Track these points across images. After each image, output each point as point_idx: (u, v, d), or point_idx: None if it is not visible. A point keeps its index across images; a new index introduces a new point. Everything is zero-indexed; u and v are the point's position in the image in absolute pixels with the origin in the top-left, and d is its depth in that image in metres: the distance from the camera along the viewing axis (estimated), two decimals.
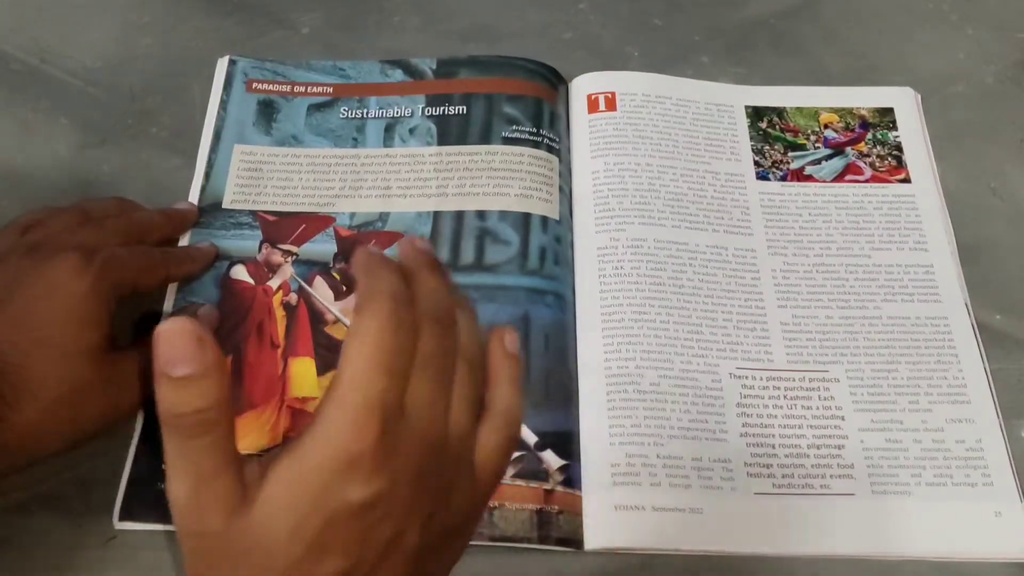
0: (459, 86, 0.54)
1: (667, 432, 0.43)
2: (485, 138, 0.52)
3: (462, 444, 0.30)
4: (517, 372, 0.32)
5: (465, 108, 0.53)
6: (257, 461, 0.27)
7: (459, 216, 0.49)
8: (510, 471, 0.42)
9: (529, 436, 0.43)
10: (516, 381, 0.32)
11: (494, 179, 0.50)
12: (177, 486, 0.26)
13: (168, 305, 0.46)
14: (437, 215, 0.49)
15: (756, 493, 0.42)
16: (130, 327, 0.44)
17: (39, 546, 0.41)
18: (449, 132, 0.52)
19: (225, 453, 0.26)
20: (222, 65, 0.55)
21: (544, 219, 0.50)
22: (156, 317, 0.45)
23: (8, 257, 0.40)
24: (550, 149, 0.52)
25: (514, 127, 0.52)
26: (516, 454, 0.42)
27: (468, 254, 0.48)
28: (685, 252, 0.49)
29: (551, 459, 0.42)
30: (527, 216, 0.49)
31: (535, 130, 0.52)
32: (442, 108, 0.53)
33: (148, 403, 0.42)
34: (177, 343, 0.25)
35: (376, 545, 0.27)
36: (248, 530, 0.26)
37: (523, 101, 0.53)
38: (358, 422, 0.26)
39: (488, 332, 0.32)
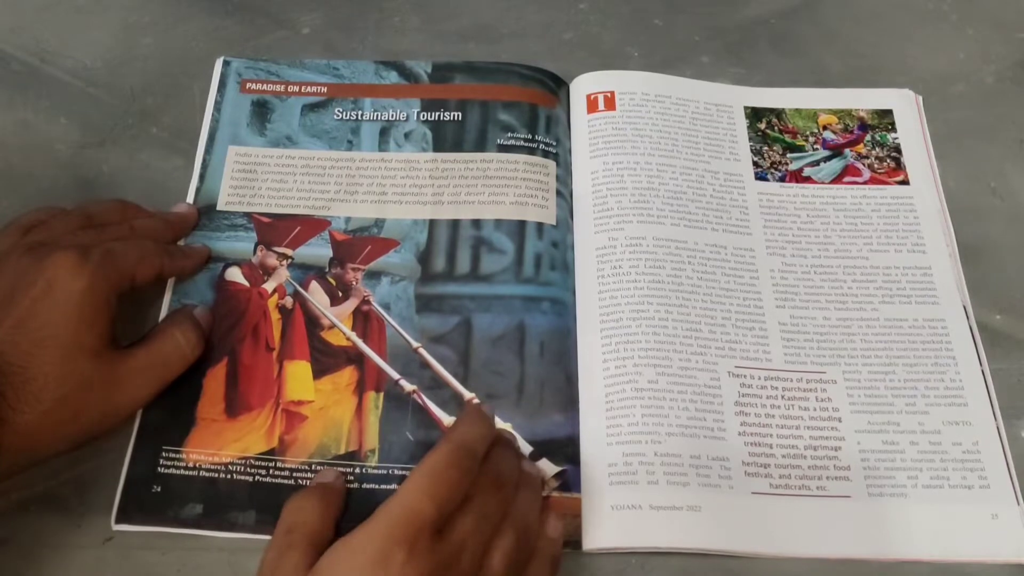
0: (454, 91, 0.54)
1: (665, 430, 0.43)
2: (480, 145, 0.52)
3: None
4: (558, 554, 0.39)
5: (460, 115, 0.53)
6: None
7: (455, 225, 0.49)
8: None
9: (524, 447, 0.43)
10: (555, 563, 0.38)
11: (489, 187, 0.51)
12: (269, 551, 0.36)
13: (164, 306, 0.46)
14: (433, 223, 0.50)
15: (753, 493, 0.43)
16: (130, 327, 0.44)
17: (38, 546, 0.41)
18: (444, 138, 0.52)
19: (314, 540, 0.36)
20: (218, 66, 0.55)
21: (539, 225, 0.50)
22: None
23: (8, 256, 0.40)
24: (546, 154, 0.52)
25: (509, 134, 0.52)
26: None
27: (464, 264, 0.48)
28: (684, 250, 0.49)
29: (546, 467, 0.42)
30: (522, 223, 0.49)
31: (530, 136, 0.52)
32: (437, 113, 0.53)
33: (147, 404, 0.42)
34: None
35: None
36: None
37: (518, 108, 0.53)
38: (397, 526, 0.33)
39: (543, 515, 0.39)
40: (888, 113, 0.55)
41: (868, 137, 0.54)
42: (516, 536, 0.36)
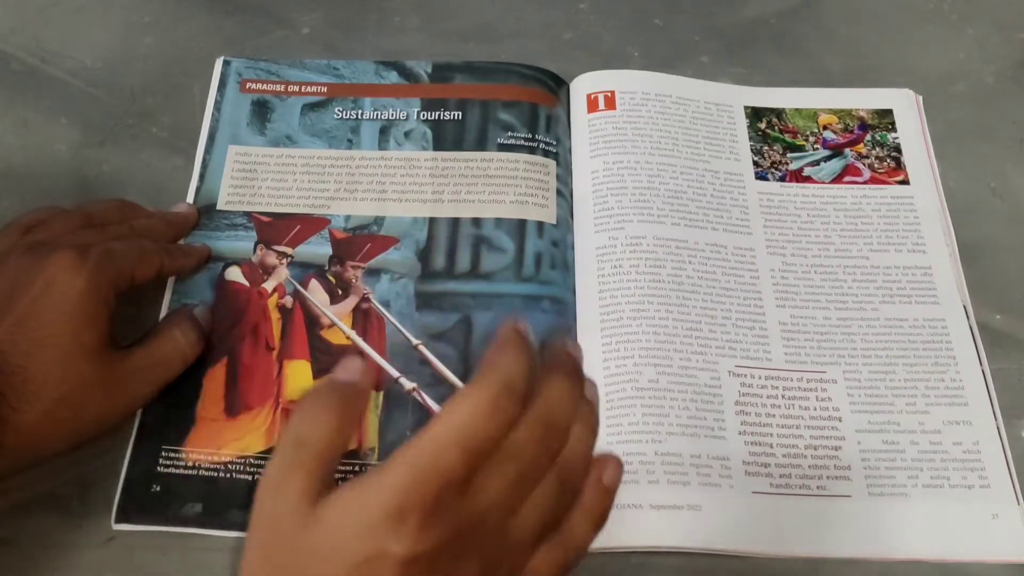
0: (454, 91, 0.54)
1: (666, 429, 0.43)
2: (481, 145, 0.52)
3: (516, 552, 0.30)
4: (606, 507, 0.32)
5: (460, 114, 0.53)
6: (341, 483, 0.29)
7: (455, 223, 0.49)
8: None
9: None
10: (600, 517, 0.32)
11: (490, 186, 0.51)
12: (273, 463, 0.30)
13: (164, 306, 0.46)
14: (433, 221, 0.50)
15: (754, 492, 0.43)
16: (130, 327, 0.44)
17: (39, 546, 0.41)
18: (444, 137, 0.52)
19: (324, 459, 0.30)
20: (218, 66, 0.55)
21: (540, 224, 0.50)
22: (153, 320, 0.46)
23: (8, 256, 0.40)
24: (546, 153, 0.52)
25: (509, 133, 0.52)
26: None
27: (464, 262, 0.48)
28: (684, 249, 0.49)
29: None
30: (522, 222, 0.49)
31: (531, 135, 0.52)
32: (437, 113, 0.53)
33: (147, 403, 0.42)
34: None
35: None
36: (304, 530, 0.28)
37: (518, 107, 0.53)
38: (416, 481, 0.28)
39: (595, 458, 0.32)
40: (888, 113, 0.55)
41: (868, 137, 0.54)
42: (558, 487, 0.31)
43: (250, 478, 0.42)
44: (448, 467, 0.28)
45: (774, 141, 0.54)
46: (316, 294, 0.47)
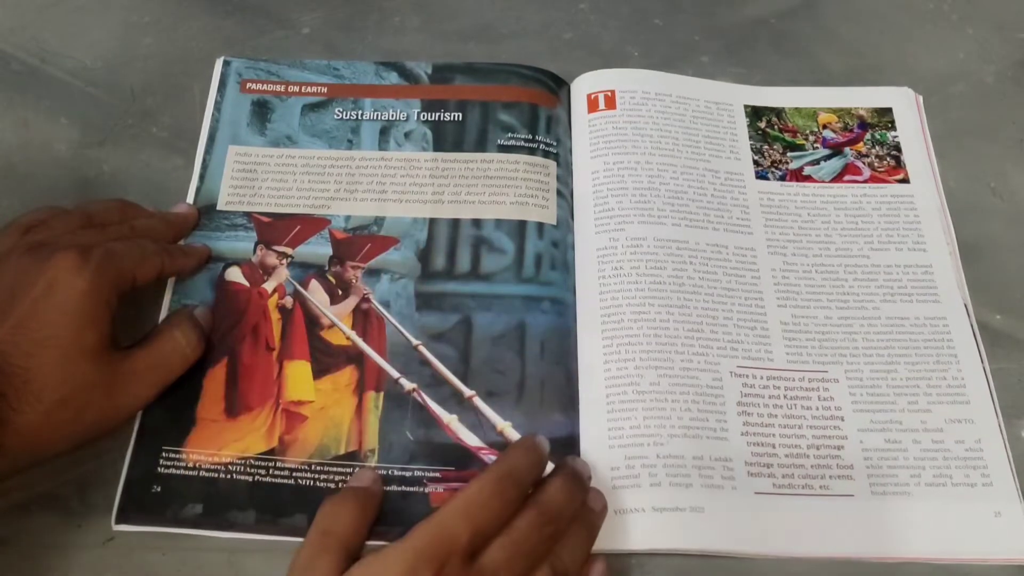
0: (454, 92, 0.54)
1: (667, 431, 0.43)
2: (481, 146, 0.52)
3: None
4: None
5: (460, 115, 0.53)
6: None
7: (455, 224, 0.49)
8: None
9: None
10: None
11: (490, 187, 0.51)
12: (303, 551, 0.36)
13: (164, 306, 0.46)
14: (433, 222, 0.49)
15: (756, 493, 0.42)
16: (130, 327, 0.44)
17: (39, 546, 0.41)
18: (445, 138, 0.52)
19: (347, 546, 0.36)
20: (218, 66, 0.55)
21: (540, 225, 0.50)
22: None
23: (8, 257, 0.40)
24: (547, 154, 0.52)
25: (509, 134, 0.52)
26: None
27: (464, 263, 0.48)
28: (685, 250, 0.49)
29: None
30: (523, 223, 0.49)
31: (531, 136, 0.52)
32: (437, 114, 0.53)
33: (147, 405, 0.42)
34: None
35: None
36: None
37: (518, 108, 0.53)
38: (429, 544, 0.33)
39: (587, 561, 0.38)
40: (887, 111, 0.55)
41: (868, 136, 0.54)
42: (551, 572, 0.36)
43: (250, 479, 0.42)
44: (456, 534, 0.34)
45: (774, 140, 0.54)
46: (316, 294, 0.47)
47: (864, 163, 0.53)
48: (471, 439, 0.43)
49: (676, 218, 0.50)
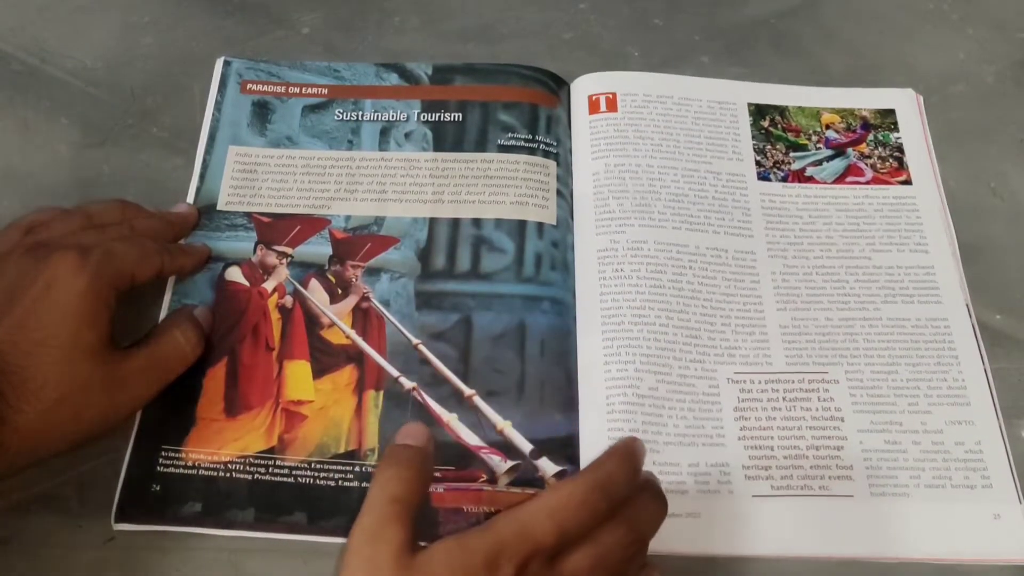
0: (455, 93, 0.54)
1: (663, 439, 0.43)
2: (481, 146, 0.52)
3: None
4: None
5: (461, 115, 0.53)
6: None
7: (455, 224, 0.49)
8: (505, 480, 0.42)
9: (524, 444, 0.43)
10: None
11: (490, 187, 0.50)
12: (366, 516, 0.34)
13: (164, 306, 0.46)
14: (433, 221, 0.49)
15: (754, 496, 0.42)
16: (130, 327, 0.44)
17: (38, 546, 0.41)
18: (445, 138, 0.52)
19: (413, 514, 0.34)
20: (219, 66, 0.55)
21: (540, 225, 0.50)
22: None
23: (8, 257, 0.40)
24: (547, 154, 0.52)
25: (510, 135, 0.52)
26: (511, 463, 0.42)
27: (464, 262, 0.48)
28: (685, 254, 0.49)
29: (546, 466, 0.42)
30: (523, 223, 0.49)
31: (531, 136, 0.52)
32: (438, 114, 0.53)
33: (147, 404, 0.42)
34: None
35: None
36: (408, 571, 0.32)
37: (518, 108, 0.53)
38: (515, 536, 0.33)
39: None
40: (891, 113, 0.55)
41: (871, 136, 0.54)
42: None
43: (250, 478, 0.42)
44: (541, 533, 0.33)
45: (777, 139, 0.54)
46: (316, 294, 0.47)
47: (867, 164, 0.53)
48: (471, 438, 0.43)
49: (677, 221, 0.50)
